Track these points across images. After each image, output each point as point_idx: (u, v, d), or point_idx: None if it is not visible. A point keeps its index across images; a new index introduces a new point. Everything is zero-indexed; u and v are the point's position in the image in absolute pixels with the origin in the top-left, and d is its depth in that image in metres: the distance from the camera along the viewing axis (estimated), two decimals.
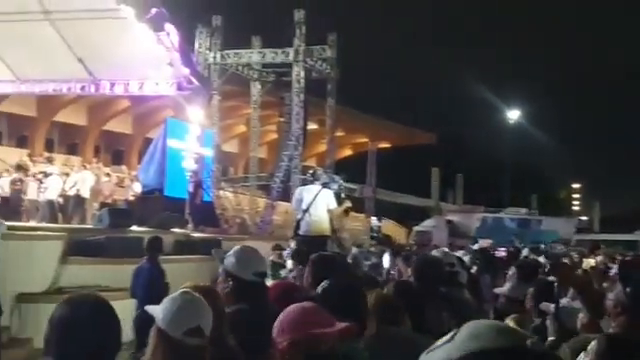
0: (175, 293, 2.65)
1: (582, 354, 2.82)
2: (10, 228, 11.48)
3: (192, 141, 18.93)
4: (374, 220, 35.46)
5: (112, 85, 18.98)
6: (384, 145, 46.08)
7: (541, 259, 12.53)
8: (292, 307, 2.56)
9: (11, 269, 10.59)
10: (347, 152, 48.62)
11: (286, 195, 24.81)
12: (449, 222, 41.96)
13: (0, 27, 16.72)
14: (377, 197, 39.33)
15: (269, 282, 4.46)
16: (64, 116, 36.21)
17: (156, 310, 2.56)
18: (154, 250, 9.10)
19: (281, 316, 2.53)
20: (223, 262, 3.75)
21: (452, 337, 1.27)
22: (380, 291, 3.88)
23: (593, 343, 2.73)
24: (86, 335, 2.19)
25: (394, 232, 38.37)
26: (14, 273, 10.57)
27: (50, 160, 22.10)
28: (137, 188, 19.85)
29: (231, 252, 3.78)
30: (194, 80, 18.06)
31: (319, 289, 3.24)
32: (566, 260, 12.70)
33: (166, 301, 2.58)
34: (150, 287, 8.13)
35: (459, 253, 10.13)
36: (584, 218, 51.89)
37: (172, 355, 2.46)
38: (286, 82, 27.50)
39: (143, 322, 2.71)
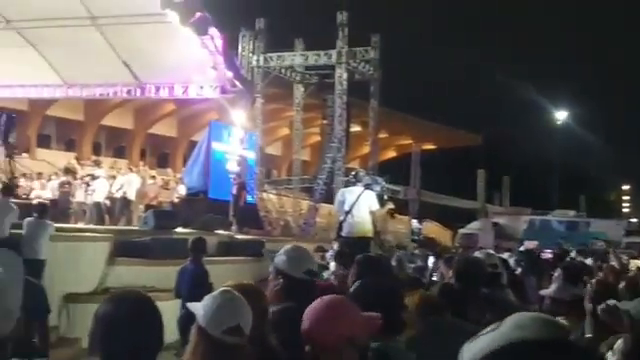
0: (216, 292, 2.65)
1: (609, 353, 2.74)
2: (58, 230, 11.72)
3: (236, 144, 19.08)
4: (415, 222, 35.19)
5: (157, 89, 19.27)
6: (428, 147, 45.68)
7: (588, 261, 12.28)
8: (319, 301, 2.56)
9: (59, 270, 10.80)
10: (391, 154, 48.35)
11: (329, 197, 24.77)
12: (495, 224, 41.40)
13: (49, 33, 17.11)
14: (421, 199, 39.01)
15: None
16: (111, 120, 36.86)
17: (197, 308, 2.56)
18: (198, 251, 9.15)
19: (310, 310, 2.54)
20: (274, 260, 3.77)
21: (497, 326, 1.29)
22: (423, 291, 3.82)
23: (619, 342, 2.66)
24: (128, 331, 2.19)
25: (439, 234, 38.00)
26: (62, 273, 10.77)
27: (97, 163, 22.44)
28: (182, 190, 20.06)
29: (282, 250, 3.79)
30: (237, 83, 18.21)
31: (352, 287, 3.21)
32: (613, 262, 12.38)
33: (207, 299, 2.58)
34: (194, 287, 8.18)
35: (505, 255, 9.98)
36: (634, 220, 50.59)
37: (211, 353, 2.47)
38: (329, 84, 27.51)
39: (187, 322, 2.71)
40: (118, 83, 19.40)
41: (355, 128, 31.83)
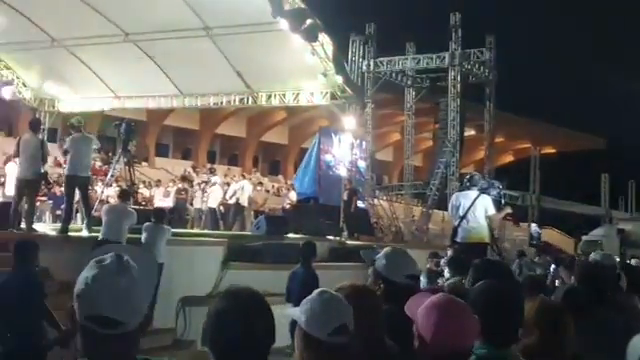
0: (313, 294, 2.60)
1: None
2: (175, 234, 12.04)
3: (346, 150, 19.00)
4: (534, 227, 33.86)
5: (268, 96, 19.51)
6: (548, 150, 44.13)
7: None
8: (429, 302, 2.53)
9: (176, 273, 11.07)
10: (508, 159, 47.05)
11: (442, 203, 24.27)
12: (621, 231, 39.27)
13: (165, 44, 17.67)
14: (541, 205, 37.60)
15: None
16: (225, 128, 37.89)
17: (296, 312, 2.53)
18: (308, 255, 9.13)
19: (419, 310, 2.54)
20: (373, 264, 3.69)
21: None
22: (543, 297, 3.53)
23: None
24: (238, 326, 2.19)
25: (560, 241, 36.50)
26: (179, 277, 11.03)
27: (212, 171, 23.08)
28: (293, 196, 20.22)
29: (381, 254, 3.71)
30: (347, 89, 18.13)
31: (472, 290, 3.02)
32: None
33: (306, 302, 2.55)
34: (304, 291, 8.06)
35: (633, 262, 9.30)
36: None
37: (320, 357, 2.44)
38: (441, 87, 27.00)
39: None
40: (231, 92, 19.80)
41: (470, 132, 31.09)
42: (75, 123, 12.60)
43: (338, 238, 16.24)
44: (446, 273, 9.96)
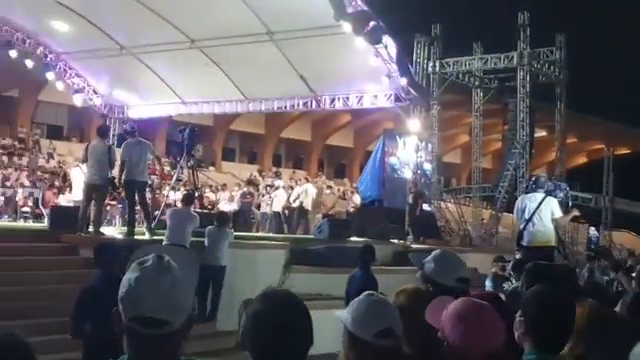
0: (360, 296, 2.60)
1: None
2: (237, 238, 12.15)
3: (411, 152, 18.80)
4: (593, 231, 32.64)
5: (332, 100, 19.49)
6: (623, 151, 42.64)
7: None
8: (453, 309, 2.54)
9: (238, 276, 11.14)
10: (580, 160, 45.75)
11: (511, 206, 23.68)
12: None
13: (230, 50, 17.90)
14: (615, 207, 36.31)
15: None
16: (290, 132, 38.13)
17: (343, 315, 2.54)
18: (366, 258, 9.03)
19: (443, 316, 2.54)
20: (422, 267, 3.62)
21: None
22: (593, 303, 3.34)
23: None
24: (274, 328, 2.18)
25: (634, 244, 35.15)
26: (241, 280, 11.09)
27: (278, 175, 23.23)
28: (357, 200, 20.13)
29: (430, 257, 3.63)
30: (412, 91, 17.93)
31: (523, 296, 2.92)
32: None
33: (353, 304, 2.56)
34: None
35: None
36: None
37: (364, 358, 2.46)
38: (510, 88, 26.40)
39: None
40: (295, 96, 19.88)
41: (540, 133, 30.32)
42: (128, 129, 12.89)
43: (402, 242, 16.06)
44: (512, 278, 9.75)
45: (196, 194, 14.75)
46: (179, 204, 14.41)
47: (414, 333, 2.85)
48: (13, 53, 19.63)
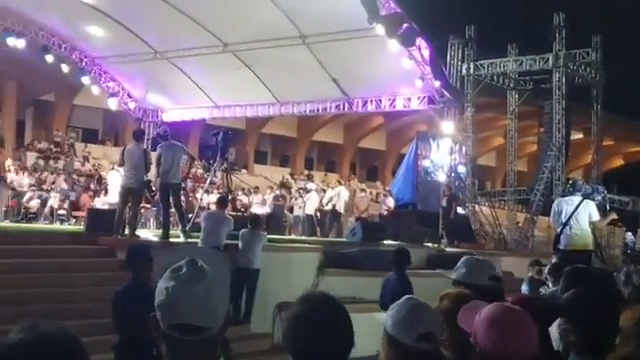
0: (401, 299, 2.62)
1: None
2: (270, 241, 12.14)
3: (444, 155, 18.65)
4: (629, 235, 31.96)
5: (364, 103, 19.46)
6: None
7: None
8: (486, 314, 2.53)
9: (272, 278, 11.16)
10: (617, 162, 44.97)
11: (547, 209, 23.35)
12: None
13: (262, 53, 17.97)
14: None
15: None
16: (322, 135, 38.11)
17: (384, 317, 2.57)
18: (400, 262, 8.94)
19: (476, 322, 2.53)
20: (451, 276, 3.71)
21: None
22: None
23: None
24: (315, 331, 2.20)
25: None
26: (275, 283, 11.11)
27: (310, 178, 23.23)
28: (390, 203, 20.03)
29: (459, 264, 3.73)
30: (446, 93, 17.81)
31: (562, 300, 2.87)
32: None
33: (393, 307, 2.58)
34: (396, 299, 7.91)
35: None
36: None
37: None
38: (545, 90, 26.01)
39: None
40: (327, 99, 19.89)
41: (576, 136, 29.85)
42: (162, 132, 13.00)
43: (437, 245, 15.92)
44: (549, 282, 9.60)
45: (229, 197, 14.81)
46: (213, 207, 14.48)
47: (457, 337, 2.86)
48: (49, 58, 19.95)
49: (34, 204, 19.27)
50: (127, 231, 12.05)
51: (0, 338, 1.68)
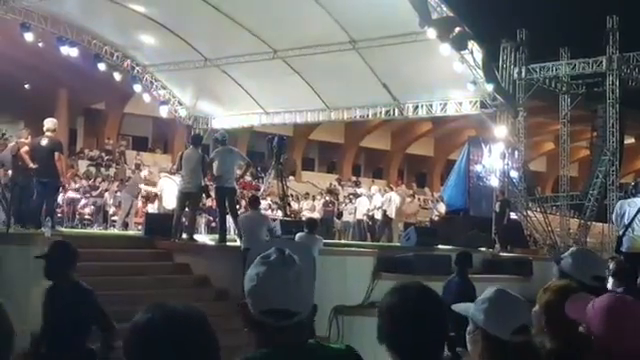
0: (490, 293, 2.54)
1: None
2: (327, 245, 12.14)
3: (496, 160, 18.40)
4: None
5: (415, 108, 19.32)
6: None
7: None
8: (602, 303, 2.52)
9: (328, 283, 11.10)
10: None
11: (601, 215, 22.91)
12: None
13: (311, 59, 18.01)
14: None
15: None
16: (369, 141, 38.05)
17: (469, 311, 2.52)
18: (463, 264, 8.88)
19: (589, 311, 2.51)
20: (559, 263, 3.60)
21: None
22: None
23: None
24: (412, 322, 2.18)
25: None
26: (331, 286, 11.05)
27: (357, 184, 23.19)
28: (441, 208, 19.86)
29: (568, 253, 3.64)
30: (498, 97, 17.60)
31: None
32: None
33: (484, 302, 2.51)
34: (460, 301, 7.84)
35: None
36: None
37: (501, 357, 2.44)
38: (599, 94, 25.52)
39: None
40: (377, 104, 19.80)
41: (630, 140, 29.24)
42: (219, 137, 13.12)
43: (491, 250, 15.72)
44: (609, 285, 9.39)
45: (285, 202, 14.83)
46: (244, 209, 14.51)
47: (561, 327, 2.84)
48: (102, 66, 20.17)
49: (88, 210, 19.61)
50: (185, 235, 12.18)
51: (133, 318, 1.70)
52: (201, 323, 1.70)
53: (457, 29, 15.22)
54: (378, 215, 19.32)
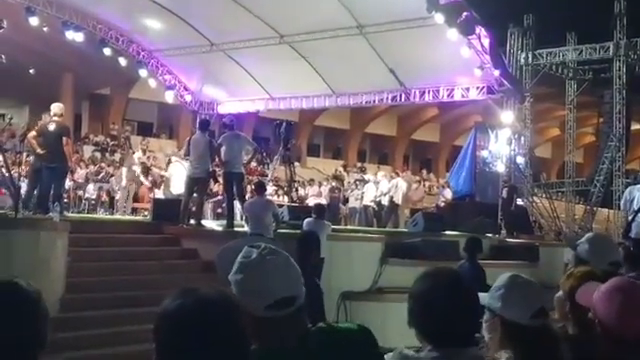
0: (504, 279, 2.55)
1: None
2: (334, 230, 12.13)
3: (503, 146, 18.34)
4: None
5: (422, 93, 19.22)
6: None
7: None
8: (610, 286, 2.51)
9: (335, 268, 11.09)
10: None
11: (607, 201, 22.90)
12: None
13: (318, 44, 17.90)
14: None
15: None
16: (375, 127, 37.99)
17: (485, 299, 2.51)
18: (473, 250, 8.88)
19: (597, 295, 2.50)
20: (575, 249, 3.61)
21: None
22: None
23: None
24: (443, 308, 2.17)
25: None
26: (338, 272, 11.04)
27: (362, 170, 23.18)
28: (447, 194, 19.82)
29: (584, 239, 3.62)
30: (506, 82, 17.52)
31: None
32: None
33: (499, 288, 2.53)
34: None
35: None
36: None
37: (521, 341, 2.43)
38: (605, 79, 25.43)
39: None
40: (384, 90, 19.70)
41: (636, 126, 29.14)
42: (227, 122, 13.10)
43: (497, 236, 15.72)
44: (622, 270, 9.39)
45: (292, 188, 14.81)
46: (249, 195, 14.48)
47: (579, 313, 2.83)
48: (107, 51, 20.03)
49: (94, 195, 19.63)
50: (193, 221, 12.17)
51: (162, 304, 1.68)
52: (233, 309, 1.68)
53: (465, 14, 15.12)
54: (385, 201, 19.28)
